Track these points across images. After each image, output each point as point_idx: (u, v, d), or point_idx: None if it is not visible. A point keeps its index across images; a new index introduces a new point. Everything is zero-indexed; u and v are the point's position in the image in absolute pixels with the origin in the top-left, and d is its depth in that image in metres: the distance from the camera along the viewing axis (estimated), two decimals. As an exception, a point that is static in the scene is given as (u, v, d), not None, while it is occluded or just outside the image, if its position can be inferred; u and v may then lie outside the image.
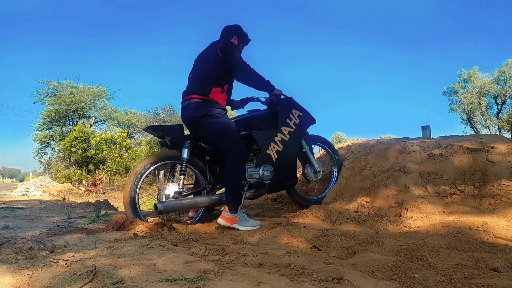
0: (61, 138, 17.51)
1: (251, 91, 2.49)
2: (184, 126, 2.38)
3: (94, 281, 1.08)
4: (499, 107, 19.65)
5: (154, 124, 15.10)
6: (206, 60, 2.35)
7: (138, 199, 2.17)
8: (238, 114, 2.70)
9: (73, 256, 1.37)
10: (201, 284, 1.06)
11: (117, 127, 18.70)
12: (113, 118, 19.19)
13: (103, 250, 1.51)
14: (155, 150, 13.28)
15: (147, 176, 2.25)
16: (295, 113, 2.58)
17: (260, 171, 2.41)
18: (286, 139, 2.51)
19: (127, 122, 18.96)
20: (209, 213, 2.42)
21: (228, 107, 2.60)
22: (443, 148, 2.54)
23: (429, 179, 2.33)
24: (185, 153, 2.21)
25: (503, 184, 2.05)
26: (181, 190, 2.22)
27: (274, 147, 2.47)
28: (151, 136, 15.16)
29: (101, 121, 19.80)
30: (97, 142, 15.66)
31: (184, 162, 2.21)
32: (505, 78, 19.08)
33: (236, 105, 2.77)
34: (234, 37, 2.47)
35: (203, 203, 2.30)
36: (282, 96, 2.53)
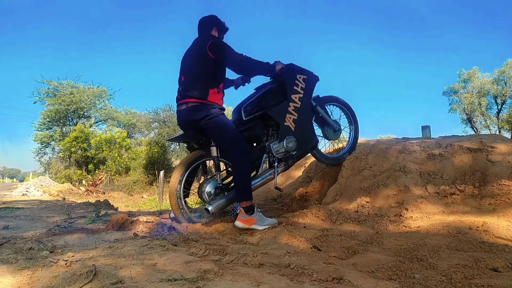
0: (61, 138, 17.51)
1: None
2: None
3: (94, 281, 1.08)
4: (499, 107, 19.65)
5: (155, 124, 15.10)
6: (196, 61, 2.30)
7: (184, 199, 2.27)
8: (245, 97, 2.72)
9: (73, 256, 1.37)
10: (201, 284, 1.06)
11: (117, 127, 18.70)
12: (113, 118, 19.19)
13: (103, 250, 1.51)
14: (155, 150, 13.26)
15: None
16: (300, 77, 2.57)
17: (285, 144, 2.47)
18: (298, 105, 2.54)
19: (127, 122, 18.95)
20: None
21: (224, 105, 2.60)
22: (443, 148, 2.54)
23: (429, 179, 2.33)
24: (214, 151, 2.30)
25: (503, 184, 2.05)
26: (220, 185, 2.31)
27: (290, 118, 2.51)
28: (151, 136, 15.17)
29: (101, 121, 19.81)
30: (97, 142, 15.66)
31: (216, 159, 2.30)
32: (505, 78, 19.08)
33: (238, 83, 2.75)
34: (214, 29, 2.42)
35: (255, 186, 2.39)
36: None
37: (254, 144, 2.59)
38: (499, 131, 19.14)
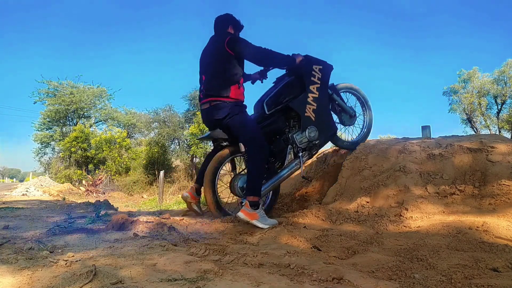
0: (61, 138, 17.50)
1: None
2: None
3: (94, 281, 1.08)
4: (499, 107, 19.61)
5: (155, 124, 15.09)
6: (215, 59, 2.36)
7: (217, 192, 2.40)
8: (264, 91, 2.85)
9: (73, 256, 1.37)
10: (201, 284, 1.06)
11: (117, 127, 18.68)
12: (113, 118, 19.18)
13: (103, 250, 1.51)
14: (155, 150, 13.25)
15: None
16: (316, 68, 2.65)
17: (307, 134, 2.57)
18: (316, 95, 2.62)
19: (127, 122, 18.94)
20: (277, 195, 2.73)
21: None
22: (443, 148, 2.54)
23: (429, 179, 2.32)
24: (242, 147, 2.39)
25: (503, 184, 2.05)
26: None
27: (310, 108, 2.60)
28: (151, 136, 15.17)
29: (101, 121, 19.80)
30: (97, 142, 15.66)
31: (245, 154, 2.40)
32: (505, 78, 19.05)
33: (255, 78, 2.82)
34: (229, 27, 2.48)
35: (284, 177, 2.53)
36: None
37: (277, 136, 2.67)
38: (499, 131, 19.11)
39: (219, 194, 2.45)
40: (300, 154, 2.56)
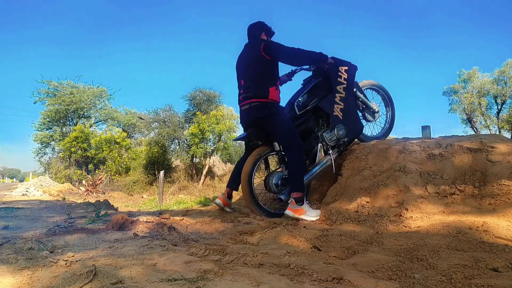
0: (61, 138, 17.51)
1: None
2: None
3: (94, 281, 1.08)
4: (499, 107, 19.59)
5: (155, 124, 15.09)
6: (253, 64, 2.50)
7: (254, 187, 2.53)
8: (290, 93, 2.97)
9: (73, 256, 1.37)
10: (201, 284, 1.06)
11: (117, 127, 18.68)
12: (113, 118, 19.19)
13: (103, 250, 1.51)
14: (155, 150, 13.24)
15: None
16: (342, 69, 2.75)
17: (336, 132, 2.70)
18: (343, 95, 2.74)
19: (127, 122, 18.94)
20: (308, 190, 2.78)
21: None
22: (443, 148, 2.54)
23: (429, 179, 2.32)
24: (277, 146, 2.55)
25: (503, 184, 2.05)
26: (286, 176, 2.53)
27: (337, 107, 2.72)
28: (151, 136, 15.16)
29: (101, 121, 19.80)
30: (97, 142, 15.65)
31: (280, 153, 2.57)
32: (505, 78, 19.03)
33: (283, 80, 2.93)
34: (262, 34, 2.64)
35: (317, 173, 2.64)
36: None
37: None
38: (499, 131, 19.09)
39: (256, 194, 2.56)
40: (330, 151, 2.68)
